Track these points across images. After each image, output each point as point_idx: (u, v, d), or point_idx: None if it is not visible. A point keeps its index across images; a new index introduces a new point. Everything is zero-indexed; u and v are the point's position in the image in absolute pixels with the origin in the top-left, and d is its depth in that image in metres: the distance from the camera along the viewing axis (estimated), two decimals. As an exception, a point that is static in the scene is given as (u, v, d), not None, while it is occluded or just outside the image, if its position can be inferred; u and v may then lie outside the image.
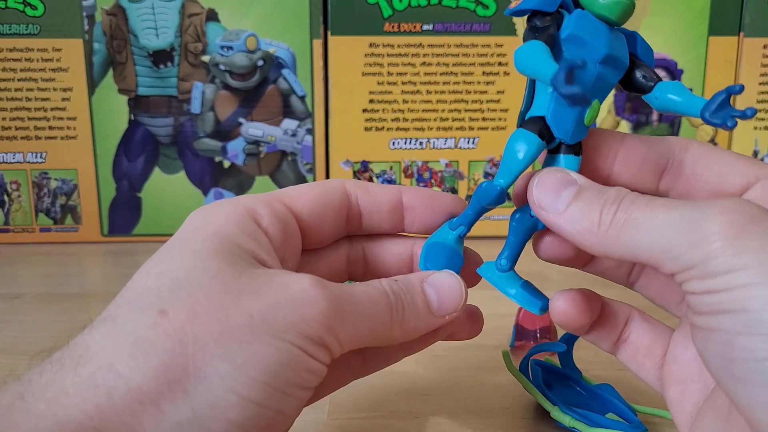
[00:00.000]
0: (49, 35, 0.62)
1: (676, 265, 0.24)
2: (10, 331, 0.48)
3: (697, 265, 0.23)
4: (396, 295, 0.28)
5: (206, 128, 0.65)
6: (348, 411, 0.38)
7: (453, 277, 0.29)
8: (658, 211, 0.24)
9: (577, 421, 0.35)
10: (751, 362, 0.22)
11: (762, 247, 0.22)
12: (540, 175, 0.28)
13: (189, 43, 0.63)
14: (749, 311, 0.22)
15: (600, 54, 0.27)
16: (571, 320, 0.30)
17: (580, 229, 0.26)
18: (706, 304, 0.23)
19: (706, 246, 0.23)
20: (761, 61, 0.64)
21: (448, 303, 0.29)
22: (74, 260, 0.63)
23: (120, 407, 0.22)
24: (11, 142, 0.64)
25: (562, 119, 0.27)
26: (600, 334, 0.31)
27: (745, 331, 0.22)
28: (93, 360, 0.23)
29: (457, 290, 0.29)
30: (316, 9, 0.62)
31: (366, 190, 0.31)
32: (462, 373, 0.42)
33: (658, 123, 0.66)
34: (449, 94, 0.64)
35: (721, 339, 0.23)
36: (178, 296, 0.24)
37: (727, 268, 0.22)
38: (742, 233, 0.23)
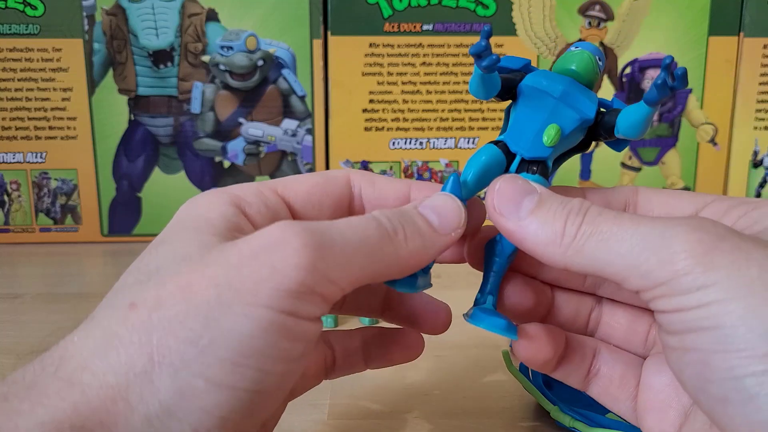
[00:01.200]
0: (49, 35, 0.62)
1: (644, 282, 0.24)
2: (10, 331, 0.48)
3: (667, 282, 0.23)
4: (390, 219, 0.25)
5: (206, 128, 0.65)
6: (348, 411, 0.38)
7: (446, 196, 0.27)
8: (626, 226, 0.24)
9: (577, 421, 0.35)
10: (728, 381, 0.22)
11: (732, 264, 0.22)
12: (500, 181, 0.27)
13: (189, 43, 0.63)
14: (722, 328, 0.22)
15: (557, 90, 0.28)
16: (533, 355, 0.29)
17: (542, 239, 0.25)
18: (677, 322, 0.23)
19: (676, 263, 0.23)
20: (761, 61, 0.64)
21: (449, 219, 0.27)
22: (74, 260, 0.63)
23: (95, 405, 0.21)
24: (11, 142, 0.64)
25: (517, 134, 0.28)
26: (568, 369, 0.30)
27: (720, 348, 0.22)
28: (70, 361, 0.22)
29: (454, 206, 0.27)
30: (316, 9, 0.62)
31: (371, 183, 0.30)
32: (462, 373, 0.42)
33: (658, 123, 0.66)
34: (449, 94, 0.64)
35: (697, 359, 0.23)
36: (147, 286, 0.23)
37: (697, 284, 0.22)
38: (711, 250, 0.22)
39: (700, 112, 0.66)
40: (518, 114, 0.29)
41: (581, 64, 0.29)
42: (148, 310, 0.22)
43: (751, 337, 0.21)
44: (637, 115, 0.27)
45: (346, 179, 0.30)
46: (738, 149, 0.66)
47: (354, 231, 0.24)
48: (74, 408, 0.21)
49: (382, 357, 0.31)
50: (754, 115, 0.65)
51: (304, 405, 0.34)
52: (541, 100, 0.28)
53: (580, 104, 0.29)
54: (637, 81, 0.65)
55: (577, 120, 0.28)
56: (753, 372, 0.21)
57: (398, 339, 0.31)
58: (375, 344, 0.32)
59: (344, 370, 0.32)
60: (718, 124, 0.66)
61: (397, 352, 0.31)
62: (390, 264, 0.25)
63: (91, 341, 0.23)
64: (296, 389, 0.31)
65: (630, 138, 0.28)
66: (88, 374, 0.22)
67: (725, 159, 0.67)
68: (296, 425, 0.37)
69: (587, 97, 0.29)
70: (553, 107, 0.28)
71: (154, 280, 0.23)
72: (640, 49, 0.64)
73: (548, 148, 0.28)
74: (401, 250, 0.25)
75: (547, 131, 0.28)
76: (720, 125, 0.66)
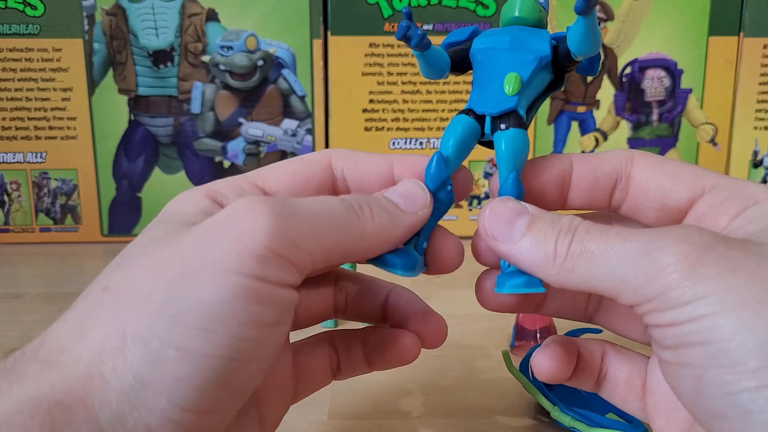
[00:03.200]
0: (49, 35, 0.62)
1: (635, 298, 0.24)
2: (10, 331, 0.48)
3: (657, 297, 0.23)
4: (355, 198, 0.26)
5: (206, 128, 0.65)
6: (348, 411, 0.38)
7: (410, 183, 0.28)
8: (613, 242, 0.24)
9: (577, 421, 0.35)
10: (723, 396, 0.22)
11: (719, 275, 0.22)
12: (490, 204, 0.27)
13: (189, 43, 0.63)
14: (713, 343, 0.22)
15: (505, 41, 0.29)
16: (555, 375, 0.29)
17: (536, 261, 0.25)
18: (670, 337, 0.23)
19: (664, 278, 0.23)
20: (761, 61, 0.64)
21: (413, 199, 0.27)
22: (74, 260, 0.63)
23: (71, 382, 0.22)
24: (11, 142, 0.64)
25: (480, 96, 0.28)
26: (581, 377, 0.30)
27: (713, 364, 0.22)
28: (49, 345, 0.23)
29: (416, 187, 0.28)
30: (316, 9, 0.62)
31: (353, 163, 0.30)
32: (462, 373, 0.42)
33: (658, 123, 0.66)
34: (449, 94, 0.64)
35: (691, 374, 0.23)
36: (119, 270, 0.24)
37: (687, 298, 0.22)
38: (698, 263, 0.22)
39: (700, 112, 0.66)
40: (477, 77, 0.29)
41: (521, 7, 0.29)
42: (120, 290, 0.23)
43: (742, 352, 0.21)
44: (578, 31, 0.27)
45: (326, 162, 0.30)
46: (738, 149, 0.66)
47: (318, 203, 0.25)
48: (51, 386, 0.22)
49: (380, 359, 0.31)
50: (754, 115, 0.65)
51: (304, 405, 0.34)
52: (493, 57, 0.28)
53: (531, 45, 0.28)
54: (637, 81, 0.65)
55: (532, 60, 0.28)
56: (746, 388, 0.21)
57: (393, 340, 0.30)
58: (374, 346, 0.31)
59: (350, 372, 0.32)
60: (718, 124, 0.66)
61: (391, 354, 0.30)
62: (358, 237, 0.25)
63: (67, 325, 0.23)
64: (301, 390, 0.31)
65: (588, 54, 0.28)
66: (65, 355, 0.22)
67: (725, 159, 0.67)
68: (296, 425, 0.37)
69: (537, 36, 0.29)
70: (506, 58, 0.28)
71: (125, 264, 0.24)
72: (640, 49, 0.64)
73: (512, 97, 0.28)
74: (368, 224, 0.26)
75: (507, 81, 0.28)
76: (720, 125, 0.66)
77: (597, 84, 0.65)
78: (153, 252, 0.24)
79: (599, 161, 0.29)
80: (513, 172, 0.28)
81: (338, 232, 0.25)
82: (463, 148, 0.28)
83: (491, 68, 0.28)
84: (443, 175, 0.28)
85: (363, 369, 0.32)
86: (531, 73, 0.28)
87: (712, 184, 0.27)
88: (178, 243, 0.23)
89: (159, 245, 0.24)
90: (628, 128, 0.66)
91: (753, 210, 0.26)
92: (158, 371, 0.22)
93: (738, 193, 0.26)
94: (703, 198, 0.27)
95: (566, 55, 0.28)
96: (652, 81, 0.65)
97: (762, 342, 0.21)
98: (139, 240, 0.25)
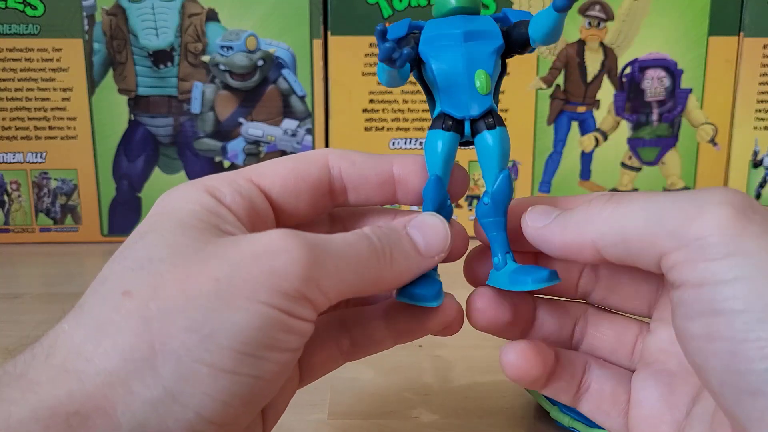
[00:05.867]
0: (49, 35, 0.62)
1: (669, 242, 0.22)
2: (10, 331, 0.48)
3: (694, 243, 0.22)
4: (380, 239, 0.26)
5: (206, 128, 0.65)
6: (348, 411, 0.38)
7: (435, 218, 0.28)
8: (656, 196, 0.24)
9: (577, 421, 0.35)
10: (762, 372, 0.20)
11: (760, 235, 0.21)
12: (530, 210, 0.28)
13: (189, 43, 0.63)
14: (753, 311, 0.20)
15: (456, 35, 0.28)
16: (522, 374, 0.28)
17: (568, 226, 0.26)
18: (702, 301, 0.22)
19: (705, 222, 0.22)
20: (761, 61, 0.64)
21: (434, 243, 0.28)
22: (74, 260, 0.63)
23: (91, 391, 0.21)
24: (11, 142, 0.64)
25: (453, 101, 0.28)
26: (558, 386, 0.29)
27: (752, 336, 0.20)
28: (62, 348, 0.22)
29: (441, 230, 0.28)
30: (316, 9, 0.62)
31: (351, 162, 0.29)
32: (462, 373, 0.42)
33: (658, 123, 0.66)
34: (449, 94, 0.64)
35: (724, 348, 0.21)
36: (140, 275, 0.23)
37: (727, 251, 0.21)
38: (744, 218, 0.22)
39: (700, 112, 0.66)
40: (438, 79, 0.28)
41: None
42: (144, 298, 0.23)
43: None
44: (549, 24, 0.27)
45: (323, 161, 0.29)
46: (738, 149, 0.66)
47: (347, 248, 0.25)
48: (69, 395, 0.21)
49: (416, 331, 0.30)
50: (754, 115, 0.65)
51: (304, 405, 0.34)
52: (449, 54, 0.28)
53: (484, 36, 0.28)
54: (637, 81, 0.65)
55: (492, 53, 0.28)
56: None
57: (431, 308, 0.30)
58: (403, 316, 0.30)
59: (368, 350, 0.31)
60: (718, 124, 0.66)
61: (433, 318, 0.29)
62: (374, 282, 0.26)
63: (83, 329, 0.23)
64: (306, 376, 0.30)
65: (548, 44, 0.28)
66: (82, 361, 0.22)
67: (725, 159, 0.67)
68: (296, 425, 0.37)
69: (485, 25, 0.28)
70: (466, 54, 0.28)
71: (147, 270, 0.23)
72: (640, 49, 0.64)
73: (487, 95, 0.28)
74: (386, 271, 0.26)
75: (477, 80, 0.28)
76: (720, 125, 0.66)
77: (597, 84, 0.65)
78: (180, 263, 0.23)
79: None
80: (505, 170, 0.28)
81: (358, 277, 0.25)
82: (450, 160, 0.29)
83: (453, 67, 0.28)
84: (442, 194, 0.29)
85: (387, 345, 0.31)
86: (493, 66, 0.28)
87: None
88: (209, 260, 0.23)
89: (185, 257, 0.24)
90: (628, 128, 0.66)
91: None
92: (189, 386, 0.22)
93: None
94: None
95: (522, 42, 0.28)
96: (652, 81, 0.65)
97: None
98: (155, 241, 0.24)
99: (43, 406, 0.21)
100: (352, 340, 0.31)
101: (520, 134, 0.65)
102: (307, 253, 0.23)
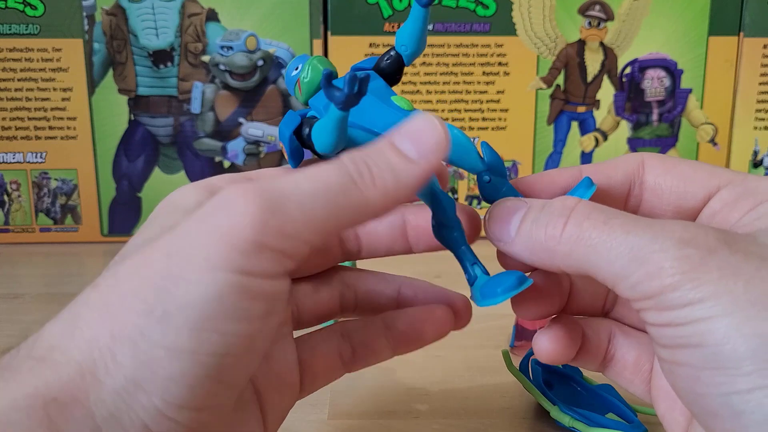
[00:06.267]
0: (49, 35, 0.62)
1: (632, 293, 0.24)
2: (10, 331, 0.48)
3: (655, 297, 0.23)
4: (354, 160, 0.23)
5: (206, 128, 0.65)
6: (348, 412, 0.38)
7: (425, 118, 0.24)
8: (616, 233, 0.24)
9: (577, 420, 0.35)
10: (717, 397, 0.22)
11: (720, 279, 0.22)
12: (490, 210, 0.27)
13: (189, 43, 0.63)
14: (708, 346, 0.22)
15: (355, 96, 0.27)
16: (558, 357, 0.29)
17: (532, 250, 0.26)
18: (667, 337, 0.23)
19: (664, 279, 0.23)
20: (761, 61, 0.64)
21: (427, 141, 0.24)
22: (74, 260, 0.63)
23: (65, 381, 0.22)
24: (11, 142, 0.64)
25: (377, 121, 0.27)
26: (585, 358, 0.30)
27: (708, 365, 0.22)
28: (42, 342, 0.23)
29: (430, 125, 0.24)
30: (316, 9, 0.62)
31: None
32: (462, 373, 0.42)
33: (658, 123, 0.66)
34: (449, 94, 0.64)
35: (687, 374, 0.23)
36: (111, 269, 0.24)
37: (685, 301, 0.22)
38: (700, 266, 0.22)
39: (700, 112, 0.66)
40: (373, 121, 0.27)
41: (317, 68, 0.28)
42: (106, 287, 0.23)
43: (735, 356, 0.21)
44: (417, 23, 0.27)
45: None
46: (738, 149, 0.66)
47: (310, 179, 0.23)
48: (46, 384, 0.22)
49: (412, 338, 0.30)
50: (754, 115, 0.65)
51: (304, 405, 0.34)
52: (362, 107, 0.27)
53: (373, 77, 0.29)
54: (637, 81, 0.65)
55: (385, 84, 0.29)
56: (739, 390, 0.21)
57: (424, 317, 0.30)
58: (402, 327, 0.31)
59: (368, 360, 0.31)
60: (718, 124, 0.66)
61: (429, 329, 0.30)
62: (359, 208, 0.23)
63: (59, 323, 0.23)
64: (308, 384, 0.31)
65: (418, 52, 0.29)
66: (57, 352, 0.22)
67: (725, 159, 0.67)
68: (296, 425, 0.37)
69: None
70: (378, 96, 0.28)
71: (119, 263, 0.24)
72: (640, 49, 0.64)
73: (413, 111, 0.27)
74: (369, 192, 0.23)
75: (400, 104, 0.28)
76: (720, 125, 0.66)
77: (597, 84, 0.65)
78: (141, 249, 0.23)
79: (610, 169, 0.29)
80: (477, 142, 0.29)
81: (335, 209, 0.23)
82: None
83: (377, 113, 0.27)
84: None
85: (385, 355, 0.31)
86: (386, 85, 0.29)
87: (727, 181, 0.27)
88: (164, 239, 0.23)
89: (150, 240, 0.24)
90: (628, 128, 0.66)
91: (763, 206, 0.26)
92: (149, 372, 0.21)
93: (752, 190, 0.26)
94: (717, 195, 0.27)
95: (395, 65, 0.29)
96: (652, 81, 0.65)
97: (755, 346, 0.21)
98: (134, 239, 0.26)
99: (23, 395, 0.21)
100: (353, 349, 0.31)
101: (520, 134, 0.65)
102: (255, 201, 0.22)
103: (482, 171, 0.29)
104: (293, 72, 0.29)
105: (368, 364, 0.32)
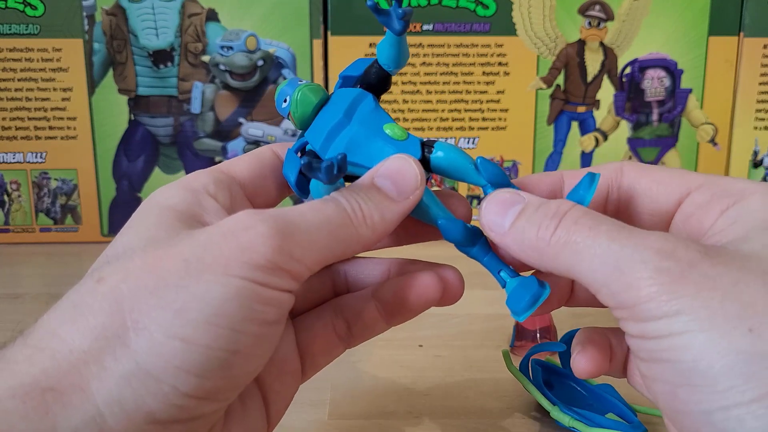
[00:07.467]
0: (49, 35, 0.62)
1: (611, 301, 0.24)
2: (10, 331, 0.48)
3: (631, 307, 0.23)
4: (347, 199, 0.27)
5: (206, 128, 0.65)
6: (348, 411, 0.39)
7: (398, 159, 0.28)
8: (601, 240, 0.24)
9: (577, 420, 0.35)
10: (697, 414, 0.22)
11: (697, 294, 0.22)
12: (489, 197, 0.28)
13: (189, 43, 0.63)
14: (684, 362, 0.22)
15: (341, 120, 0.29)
16: (596, 374, 0.30)
17: (522, 246, 0.26)
18: (645, 350, 0.23)
19: (640, 290, 0.23)
20: (761, 61, 0.64)
21: (405, 184, 0.27)
22: (74, 260, 0.63)
23: (65, 369, 0.22)
24: (11, 142, 0.64)
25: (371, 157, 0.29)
26: (612, 365, 0.31)
27: (685, 382, 0.22)
28: (38, 331, 0.24)
29: (408, 168, 0.28)
30: (316, 9, 0.62)
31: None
32: (462, 373, 0.43)
33: (658, 123, 0.66)
34: (449, 94, 0.64)
35: (666, 390, 0.23)
36: (114, 264, 0.25)
37: (660, 313, 0.22)
38: (679, 279, 0.22)
39: (700, 112, 0.66)
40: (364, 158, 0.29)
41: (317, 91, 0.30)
42: (116, 282, 0.24)
43: (711, 373, 0.21)
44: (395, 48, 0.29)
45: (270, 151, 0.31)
46: (738, 149, 0.66)
47: (315, 212, 0.26)
48: (44, 372, 0.22)
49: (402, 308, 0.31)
50: (754, 115, 0.65)
51: (304, 405, 0.34)
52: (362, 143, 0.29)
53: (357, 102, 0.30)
54: (637, 81, 0.65)
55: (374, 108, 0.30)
56: (719, 407, 0.21)
57: (412, 283, 0.30)
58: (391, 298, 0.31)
59: (364, 334, 0.32)
60: (718, 124, 0.66)
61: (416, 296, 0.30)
62: (353, 243, 0.27)
63: (59, 312, 0.24)
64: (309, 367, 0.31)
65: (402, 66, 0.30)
66: (57, 340, 0.23)
67: (725, 159, 0.67)
68: (296, 425, 0.37)
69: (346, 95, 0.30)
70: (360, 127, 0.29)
71: (121, 259, 0.25)
72: (640, 49, 0.64)
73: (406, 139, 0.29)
74: (361, 228, 0.27)
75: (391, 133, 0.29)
76: (720, 125, 0.66)
77: (597, 84, 0.65)
78: (150, 249, 0.24)
79: None
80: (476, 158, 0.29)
81: (334, 242, 0.26)
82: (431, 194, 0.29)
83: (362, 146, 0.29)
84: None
85: (380, 327, 0.31)
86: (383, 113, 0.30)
87: (699, 184, 0.28)
88: (179, 244, 0.24)
89: (157, 243, 0.25)
90: (628, 128, 0.66)
91: (734, 210, 0.26)
92: (162, 361, 0.22)
93: (724, 192, 0.27)
94: (689, 198, 0.28)
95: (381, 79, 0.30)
96: (652, 81, 0.65)
97: (730, 363, 0.21)
98: (131, 235, 0.26)
99: (20, 383, 0.22)
100: (348, 324, 0.31)
101: (520, 134, 0.65)
102: (272, 226, 0.24)
103: (484, 185, 0.29)
104: (283, 105, 0.30)
105: (365, 338, 0.32)
